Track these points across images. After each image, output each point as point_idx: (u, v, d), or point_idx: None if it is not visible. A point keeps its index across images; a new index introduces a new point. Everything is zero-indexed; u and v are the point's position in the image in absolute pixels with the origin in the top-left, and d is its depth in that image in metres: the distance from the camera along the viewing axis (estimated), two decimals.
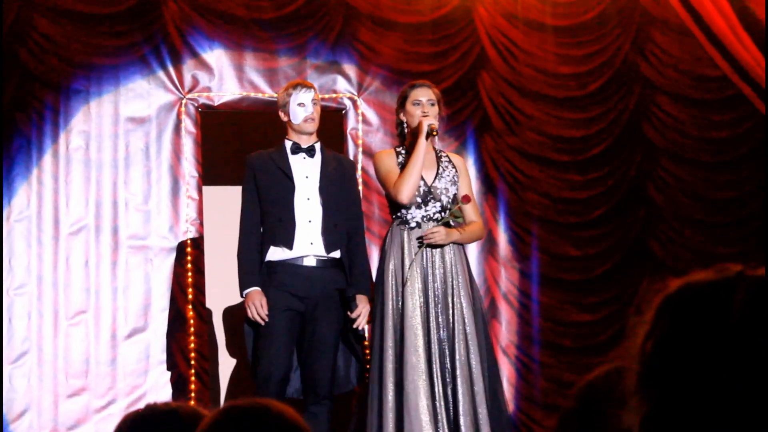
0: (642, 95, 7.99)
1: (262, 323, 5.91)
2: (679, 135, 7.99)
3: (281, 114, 6.20)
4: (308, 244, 6.00)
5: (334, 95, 7.57)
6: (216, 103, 7.39)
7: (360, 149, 7.56)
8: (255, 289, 5.94)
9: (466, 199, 6.13)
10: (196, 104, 7.38)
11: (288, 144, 6.16)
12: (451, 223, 6.07)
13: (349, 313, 6.05)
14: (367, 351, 6.43)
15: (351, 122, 7.58)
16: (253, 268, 5.99)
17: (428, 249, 6.03)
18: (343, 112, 7.59)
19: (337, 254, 6.06)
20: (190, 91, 7.37)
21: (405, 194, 6.05)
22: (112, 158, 7.24)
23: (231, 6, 7.43)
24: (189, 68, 7.38)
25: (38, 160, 7.15)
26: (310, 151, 6.15)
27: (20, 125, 7.13)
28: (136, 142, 7.28)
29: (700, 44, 7.60)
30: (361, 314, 6.07)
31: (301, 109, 6.13)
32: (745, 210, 7.98)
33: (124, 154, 7.26)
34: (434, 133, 6.08)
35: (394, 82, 7.63)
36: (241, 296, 6.00)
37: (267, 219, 6.05)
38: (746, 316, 1.43)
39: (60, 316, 7.07)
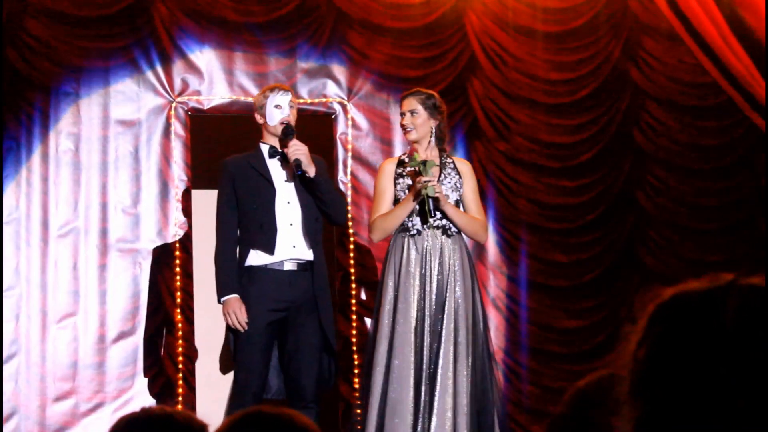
0: (632, 102, 8.00)
1: (242, 330, 5.91)
2: (669, 142, 8.00)
3: (257, 116, 6.19)
4: (290, 247, 6.00)
5: (323, 99, 7.57)
6: (206, 107, 7.38)
7: (349, 154, 7.55)
8: (234, 297, 5.94)
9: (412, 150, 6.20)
10: (185, 107, 7.37)
11: (265, 147, 6.15)
12: (422, 171, 6.13)
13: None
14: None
15: (341, 127, 7.58)
16: (231, 274, 5.98)
17: (427, 253, 6.07)
18: (333, 116, 7.58)
19: (311, 256, 6.05)
20: (180, 94, 7.36)
21: (375, 238, 6.38)
22: (101, 161, 7.22)
23: (221, 9, 7.43)
24: (179, 71, 7.37)
25: (27, 161, 7.13)
26: (283, 153, 6.11)
27: (9, 127, 7.11)
28: (125, 145, 7.27)
29: (690, 51, 7.62)
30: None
31: (278, 111, 6.11)
32: (735, 217, 7.99)
33: (113, 157, 7.24)
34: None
35: (384, 87, 7.64)
36: (219, 302, 6.01)
37: (246, 224, 6.04)
38: (738, 324, 1.43)
39: (48, 318, 7.05)
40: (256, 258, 5.99)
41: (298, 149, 6.00)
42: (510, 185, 7.81)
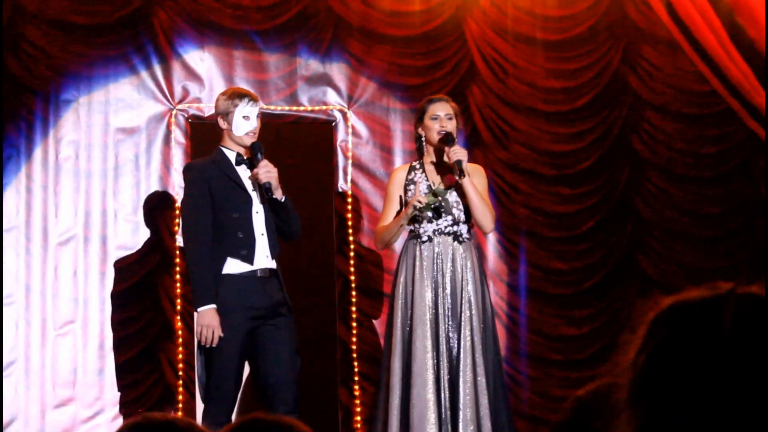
0: (631, 110, 8.01)
1: (214, 345, 5.68)
2: (668, 149, 8.01)
3: (220, 120, 5.98)
4: (264, 257, 5.87)
5: (324, 107, 7.58)
6: (206, 114, 7.38)
7: (350, 161, 7.56)
8: (211, 308, 5.69)
9: (450, 179, 6.18)
10: (186, 115, 7.38)
11: (231, 154, 5.97)
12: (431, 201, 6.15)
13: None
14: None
15: (341, 134, 7.58)
16: (209, 282, 5.74)
17: (439, 259, 6.10)
18: (333, 124, 7.59)
19: (275, 265, 5.93)
20: (180, 101, 7.37)
21: (378, 247, 6.54)
22: (102, 168, 7.23)
23: (222, 17, 7.44)
24: (179, 79, 7.38)
25: (27, 169, 7.14)
26: (250, 163, 5.98)
27: (10, 134, 7.12)
28: (125, 153, 7.28)
29: (689, 59, 7.63)
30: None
31: (246, 122, 5.94)
32: (733, 224, 8.00)
33: (114, 164, 7.25)
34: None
35: (384, 95, 7.65)
36: (195, 311, 5.75)
37: (223, 231, 5.83)
38: (737, 333, 1.44)
39: (48, 325, 7.06)
40: (233, 267, 5.80)
41: (269, 172, 5.86)
42: (509, 193, 7.82)
